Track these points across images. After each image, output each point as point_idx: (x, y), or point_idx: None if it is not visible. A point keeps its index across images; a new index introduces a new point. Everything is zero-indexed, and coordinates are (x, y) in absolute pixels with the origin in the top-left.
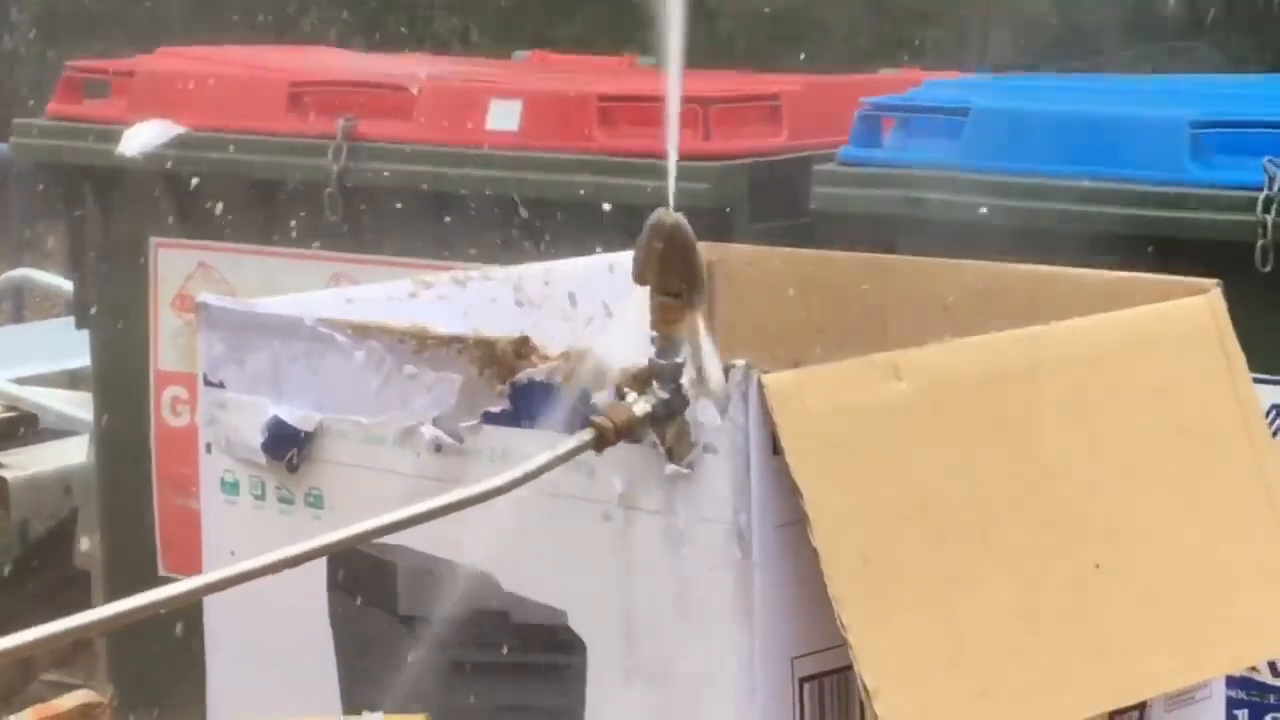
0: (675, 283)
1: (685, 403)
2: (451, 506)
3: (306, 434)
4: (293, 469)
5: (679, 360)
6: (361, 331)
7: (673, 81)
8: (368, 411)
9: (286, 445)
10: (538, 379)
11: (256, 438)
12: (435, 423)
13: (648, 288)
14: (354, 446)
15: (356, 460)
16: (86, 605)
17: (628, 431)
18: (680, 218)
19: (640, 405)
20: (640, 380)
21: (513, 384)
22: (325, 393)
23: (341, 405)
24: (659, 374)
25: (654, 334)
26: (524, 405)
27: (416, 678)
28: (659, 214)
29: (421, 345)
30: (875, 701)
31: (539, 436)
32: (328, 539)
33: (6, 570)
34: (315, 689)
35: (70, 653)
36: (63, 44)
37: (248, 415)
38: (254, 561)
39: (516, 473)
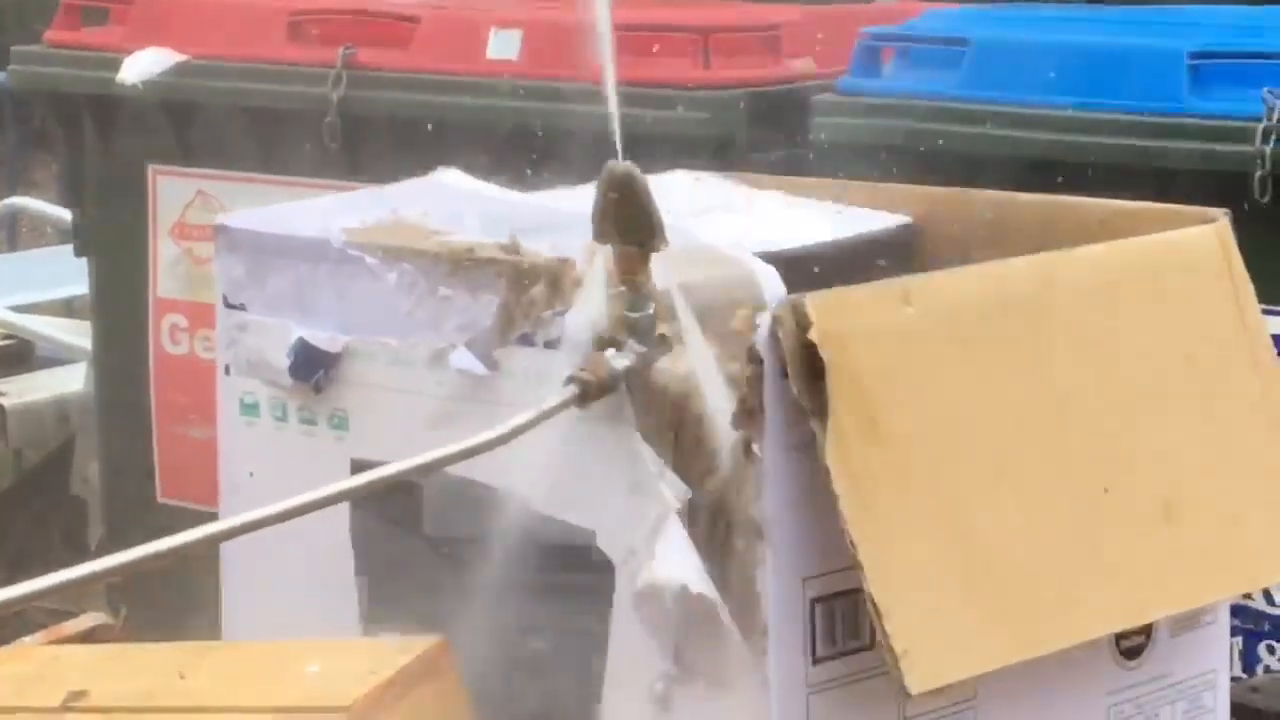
0: (634, 233)
1: (662, 353)
2: (441, 461)
3: (333, 355)
4: (318, 390)
5: (649, 311)
6: (394, 253)
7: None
8: (397, 333)
9: (313, 367)
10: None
11: (281, 359)
12: (468, 345)
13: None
14: (381, 368)
15: (384, 382)
16: (84, 533)
17: (609, 386)
18: (630, 166)
19: (619, 360)
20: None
21: (554, 309)
22: (352, 314)
23: (369, 326)
24: (633, 328)
25: (621, 289)
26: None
27: (440, 598)
28: (609, 165)
29: (456, 267)
30: (885, 621)
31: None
32: (331, 489)
33: (2, 497)
34: (335, 610)
35: None
36: None
37: (271, 337)
38: (275, 507)
39: (501, 430)
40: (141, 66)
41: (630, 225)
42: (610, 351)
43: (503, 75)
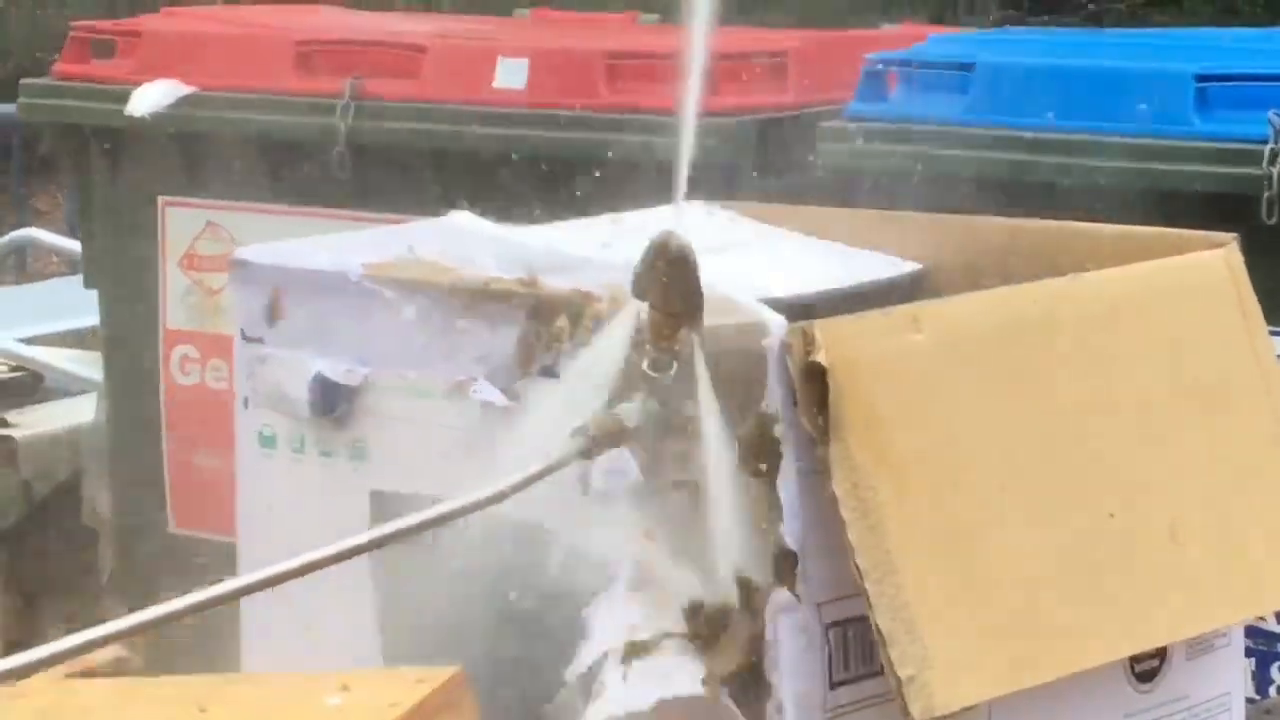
0: (675, 302)
1: (674, 416)
2: (434, 520)
3: (352, 389)
4: (339, 423)
5: (670, 374)
6: (411, 286)
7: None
8: (415, 365)
9: (333, 401)
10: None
11: (301, 392)
12: (488, 377)
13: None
14: (400, 400)
15: (402, 414)
16: (94, 564)
17: (615, 442)
18: (684, 240)
19: (631, 416)
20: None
21: (575, 340)
22: (370, 347)
23: (387, 359)
24: (652, 387)
25: (649, 347)
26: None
27: (461, 628)
28: (664, 234)
29: (473, 299)
30: (890, 648)
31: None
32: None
33: (14, 529)
34: (355, 640)
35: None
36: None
37: (289, 370)
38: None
39: (504, 485)
40: (150, 98)
41: (671, 296)
42: (623, 407)
43: (510, 104)
